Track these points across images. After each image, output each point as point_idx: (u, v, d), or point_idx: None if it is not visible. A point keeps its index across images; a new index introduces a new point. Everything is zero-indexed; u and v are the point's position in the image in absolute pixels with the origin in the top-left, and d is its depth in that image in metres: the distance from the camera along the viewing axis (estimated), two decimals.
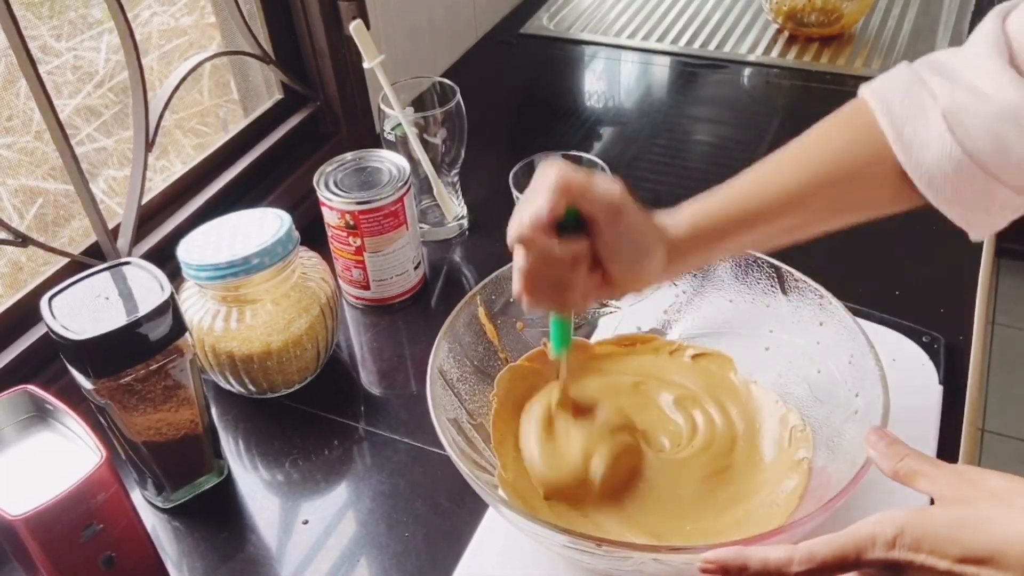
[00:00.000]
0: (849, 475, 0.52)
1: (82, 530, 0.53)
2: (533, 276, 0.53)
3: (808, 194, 0.56)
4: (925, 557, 0.40)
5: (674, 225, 0.56)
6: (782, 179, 0.57)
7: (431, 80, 0.90)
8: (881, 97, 0.56)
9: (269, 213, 0.72)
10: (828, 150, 0.58)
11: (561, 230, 0.52)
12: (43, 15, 0.94)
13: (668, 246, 0.55)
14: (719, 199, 0.57)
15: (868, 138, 0.56)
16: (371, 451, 0.71)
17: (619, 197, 0.53)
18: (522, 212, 0.52)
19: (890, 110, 0.55)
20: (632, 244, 0.53)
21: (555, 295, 0.55)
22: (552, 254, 0.52)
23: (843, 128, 0.58)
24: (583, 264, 0.53)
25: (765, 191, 0.57)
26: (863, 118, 0.57)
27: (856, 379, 0.61)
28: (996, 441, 1.79)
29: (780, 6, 1.21)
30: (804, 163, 0.57)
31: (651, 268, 0.55)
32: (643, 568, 0.52)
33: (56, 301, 0.58)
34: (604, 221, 0.52)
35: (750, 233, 0.58)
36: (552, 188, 0.51)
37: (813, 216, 0.58)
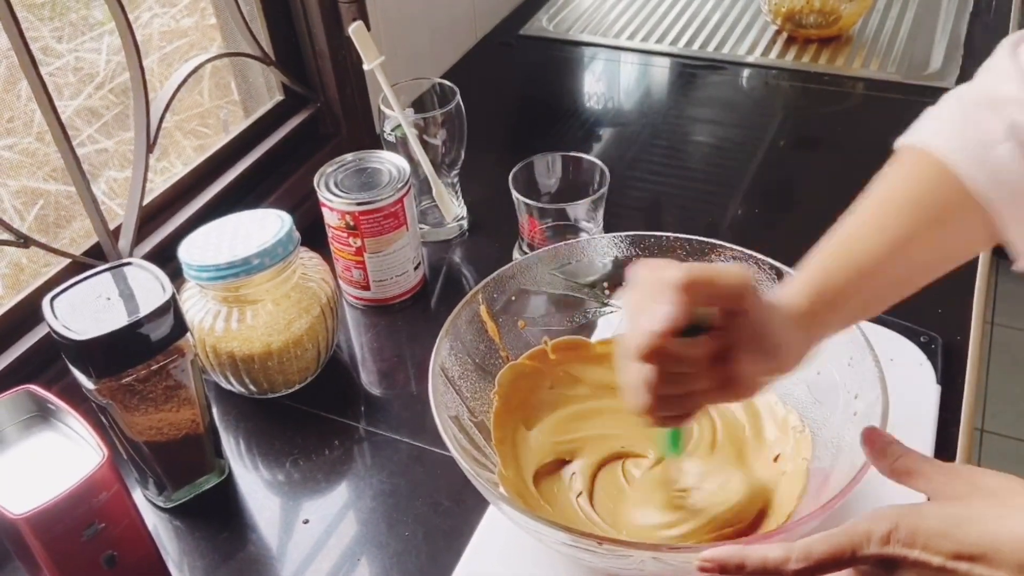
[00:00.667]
0: (848, 476, 0.53)
1: (84, 529, 0.53)
2: (660, 389, 0.48)
3: (907, 243, 0.53)
4: (919, 553, 0.41)
5: (797, 300, 0.51)
6: (877, 234, 0.53)
7: (431, 81, 0.91)
8: (942, 145, 0.54)
9: (270, 214, 0.72)
10: (909, 200, 0.54)
11: (687, 334, 0.47)
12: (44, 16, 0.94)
13: (798, 326, 0.51)
14: (826, 264, 0.53)
15: (942, 180, 0.53)
16: (371, 451, 0.71)
17: (747, 285, 0.48)
18: (643, 319, 0.47)
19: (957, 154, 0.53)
20: (771, 332, 0.49)
21: (681, 407, 0.51)
22: (681, 362, 0.47)
23: (913, 177, 0.55)
24: (708, 368, 0.49)
25: (867, 243, 0.53)
26: (925, 164, 0.54)
27: (855, 381, 0.61)
28: (993, 441, 1.79)
29: (779, 7, 1.21)
30: (893, 215, 0.54)
31: (788, 354, 0.51)
32: (643, 567, 0.52)
33: (58, 301, 0.59)
34: (734, 316, 0.48)
35: (867, 290, 0.53)
36: (676, 288, 0.46)
37: (916, 265, 0.55)
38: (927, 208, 0.54)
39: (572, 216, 0.81)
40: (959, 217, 0.54)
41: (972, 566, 0.40)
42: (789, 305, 0.51)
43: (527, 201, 0.81)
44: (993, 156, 0.52)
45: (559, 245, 0.72)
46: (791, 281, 0.53)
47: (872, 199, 0.55)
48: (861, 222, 0.55)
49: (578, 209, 0.81)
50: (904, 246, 0.53)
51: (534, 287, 0.72)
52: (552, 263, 0.72)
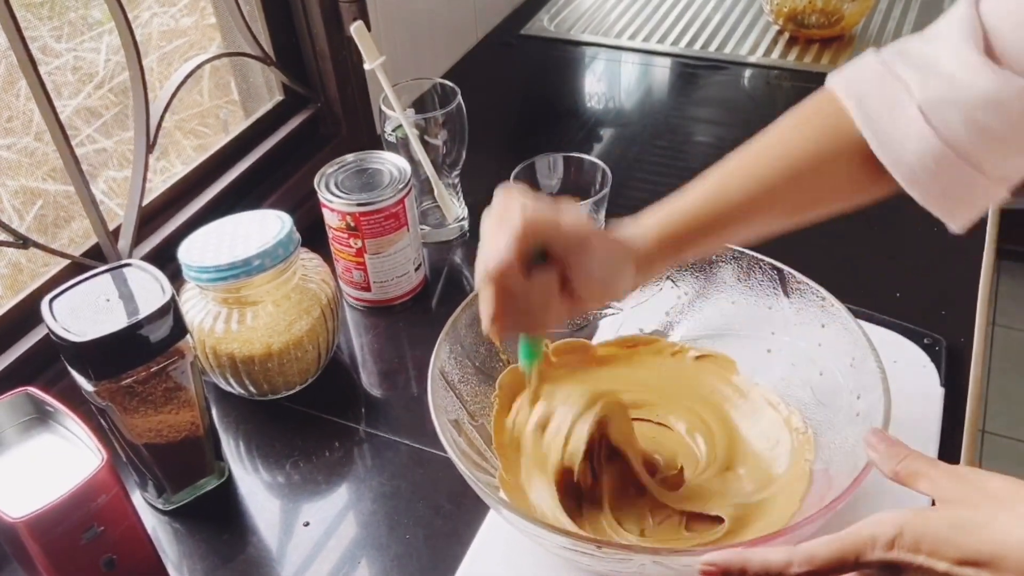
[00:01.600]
0: (850, 478, 0.52)
1: (83, 532, 0.53)
2: (502, 312, 0.52)
3: (775, 192, 0.56)
4: (924, 559, 0.40)
5: (640, 237, 0.56)
6: (748, 180, 0.56)
7: (432, 81, 0.90)
8: (853, 91, 0.55)
9: (270, 215, 0.72)
10: (794, 147, 0.57)
11: (530, 263, 0.51)
12: (43, 16, 0.94)
13: (636, 260, 0.55)
14: (684, 206, 0.57)
15: (837, 132, 0.56)
16: (372, 453, 0.70)
17: (586, 228, 0.52)
18: (487, 252, 0.51)
19: (863, 104, 0.55)
20: (601, 268, 0.53)
21: (526, 323, 0.54)
22: (522, 291, 0.51)
23: (808, 124, 0.58)
24: (553, 290, 0.53)
25: (730, 194, 0.56)
26: (830, 109, 0.56)
27: (858, 381, 0.60)
28: (997, 443, 1.79)
29: (780, 7, 1.21)
30: (769, 162, 0.57)
31: (621, 285, 0.55)
32: (643, 570, 0.52)
33: (57, 303, 0.58)
34: (573, 253, 0.52)
35: (717, 237, 0.58)
36: (518, 229, 0.50)
37: (780, 215, 0.58)
38: (806, 159, 0.56)
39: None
40: (840, 164, 0.56)
41: (978, 572, 0.39)
42: (632, 243, 0.55)
43: None
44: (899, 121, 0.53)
45: None
46: (649, 214, 0.57)
47: (759, 142, 0.58)
48: (735, 166, 0.58)
49: (580, 210, 0.81)
50: (772, 196, 0.56)
51: None
52: None
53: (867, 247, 0.86)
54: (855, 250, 0.86)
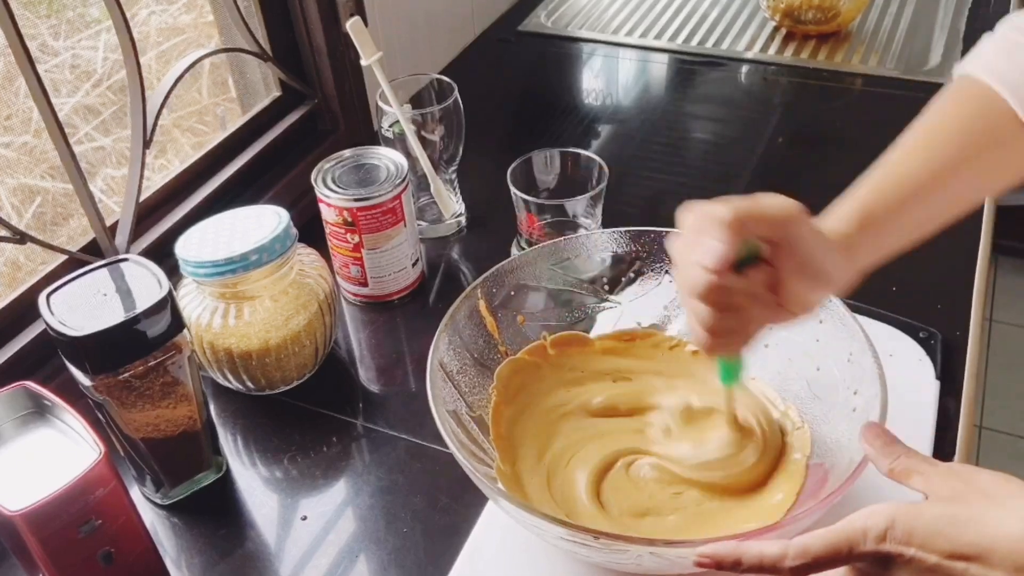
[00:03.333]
0: (846, 472, 0.53)
1: (81, 526, 0.53)
2: (720, 322, 0.50)
3: (955, 167, 0.55)
4: (915, 551, 0.41)
5: (842, 227, 0.53)
6: (924, 158, 0.55)
7: (429, 77, 0.90)
8: (993, 73, 0.56)
9: (267, 210, 0.72)
10: (957, 127, 0.56)
11: (738, 266, 0.49)
12: (41, 14, 0.94)
13: (842, 247, 0.52)
14: (870, 189, 0.55)
15: (994, 111, 0.56)
16: (369, 447, 0.71)
17: (794, 210, 0.49)
18: (694, 256, 0.48)
19: (1008, 82, 0.55)
20: (818, 259, 0.50)
21: (739, 336, 0.52)
22: (738, 294, 0.49)
23: (963, 104, 0.57)
24: (764, 298, 0.50)
25: (912, 169, 0.55)
26: (976, 91, 0.57)
27: (855, 377, 0.61)
28: (993, 438, 1.79)
29: (777, 3, 1.21)
30: (940, 140, 0.56)
31: (835, 274, 0.52)
32: (640, 561, 0.52)
33: (54, 298, 0.58)
34: (787, 238, 0.49)
35: (911, 218, 0.55)
36: (729, 220, 0.47)
37: (962, 191, 0.57)
38: (973, 133, 0.56)
39: (571, 212, 0.81)
40: (1006, 142, 0.56)
41: (968, 565, 0.40)
42: (835, 231, 0.52)
43: (525, 197, 0.81)
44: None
45: (559, 240, 0.72)
46: (839, 206, 0.54)
47: (920, 126, 0.57)
48: (908, 149, 0.57)
49: (577, 205, 0.81)
50: (950, 172, 0.55)
51: (533, 282, 0.71)
52: (552, 258, 0.71)
53: None
54: None
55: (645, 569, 0.55)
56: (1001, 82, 0.56)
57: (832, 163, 0.98)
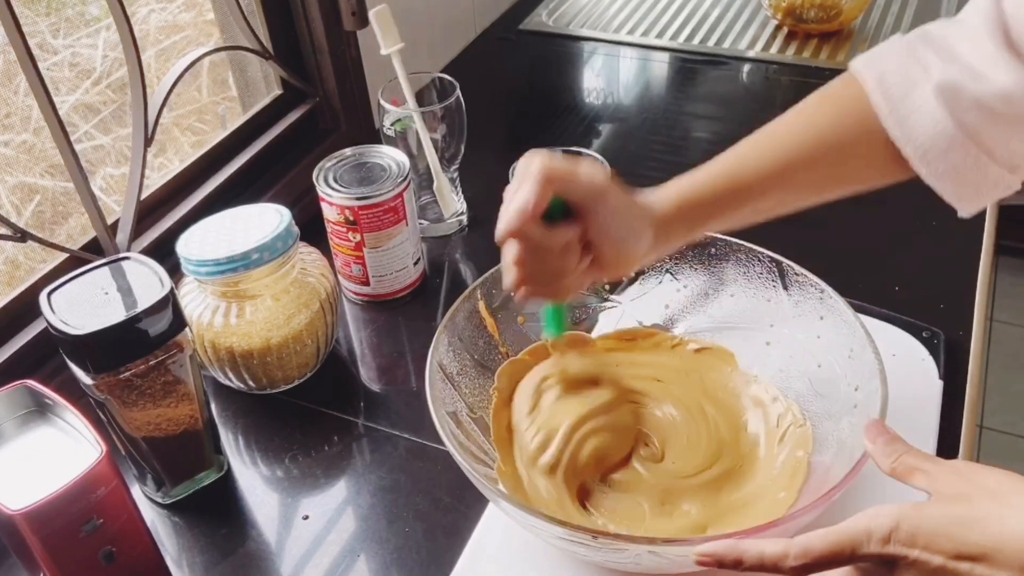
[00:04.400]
0: (847, 469, 0.52)
1: (82, 525, 0.53)
2: (526, 268, 0.54)
3: (794, 170, 0.57)
4: (919, 552, 0.40)
5: (660, 203, 0.57)
6: (768, 156, 0.57)
7: (431, 76, 0.90)
8: (874, 72, 0.56)
9: (269, 208, 0.72)
10: (814, 126, 0.58)
11: (548, 219, 0.53)
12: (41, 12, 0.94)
13: (655, 224, 0.56)
14: (705, 177, 0.58)
15: (856, 113, 0.56)
16: (371, 447, 0.70)
17: (603, 181, 0.54)
18: (508, 205, 0.53)
19: (883, 84, 0.55)
20: (620, 226, 0.55)
21: (549, 285, 0.56)
22: (543, 244, 0.53)
23: (830, 103, 0.59)
24: (574, 251, 0.54)
25: (750, 168, 0.57)
26: (851, 91, 0.57)
27: (856, 373, 0.61)
28: (995, 438, 1.79)
29: (779, 2, 1.21)
30: (790, 139, 0.58)
31: (640, 247, 0.56)
32: (639, 561, 0.52)
33: (55, 296, 0.58)
34: (591, 206, 0.53)
35: (736, 209, 0.58)
36: (537, 179, 0.51)
37: (799, 192, 0.58)
38: (826, 137, 0.57)
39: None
40: (859, 147, 0.57)
41: (973, 566, 0.40)
42: (655, 207, 0.57)
43: None
44: (915, 99, 0.54)
45: None
46: (672, 183, 0.58)
47: (783, 119, 0.59)
48: (757, 141, 0.59)
49: None
50: (791, 173, 0.57)
51: None
52: None
53: (866, 241, 0.86)
54: (854, 243, 0.86)
55: (645, 568, 0.54)
56: (877, 83, 0.56)
57: None
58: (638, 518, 0.60)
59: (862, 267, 0.83)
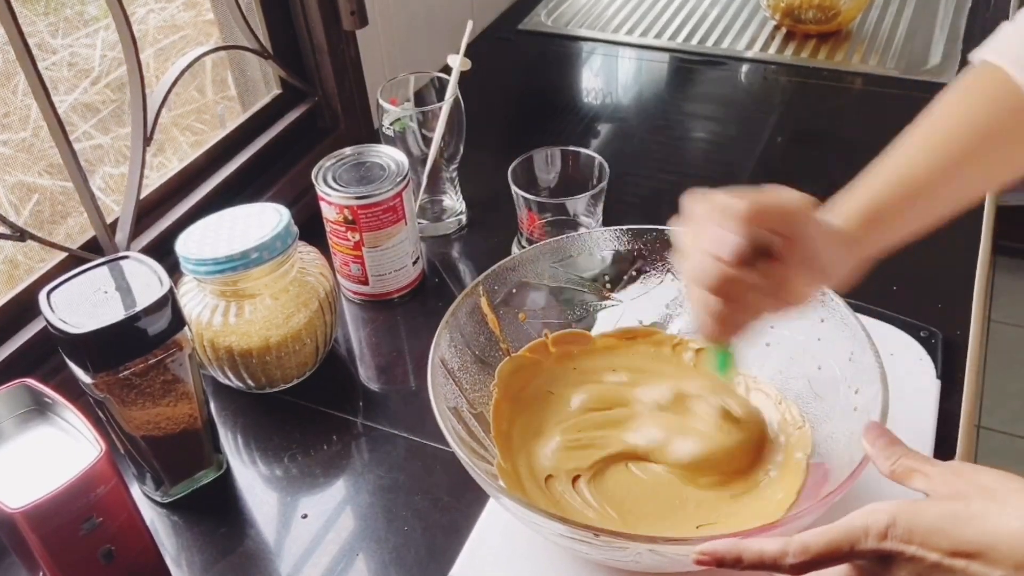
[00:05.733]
0: (846, 471, 0.52)
1: (81, 523, 0.53)
2: (727, 312, 0.51)
3: (960, 165, 0.55)
4: (916, 549, 0.41)
5: (846, 221, 0.54)
6: (934, 156, 0.55)
7: (430, 75, 0.90)
8: (1007, 56, 0.55)
9: (268, 208, 0.72)
10: (968, 119, 0.56)
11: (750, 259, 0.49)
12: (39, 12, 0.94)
13: (851, 247, 0.53)
14: (876, 184, 0.55)
15: (1005, 98, 0.55)
16: (370, 446, 0.71)
17: (806, 206, 0.51)
18: (706, 246, 0.49)
19: (1020, 62, 0.54)
20: (826, 248, 0.51)
21: (740, 324, 0.53)
22: (747, 285, 0.50)
23: (975, 95, 0.57)
24: (766, 288, 0.51)
25: (920, 170, 0.55)
26: (992, 80, 0.56)
27: (856, 376, 0.61)
28: (993, 438, 1.79)
29: (778, 3, 1.21)
30: (949, 136, 0.56)
31: (838, 276, 0.53)
32: (639, 559, 0.52)
33: (55, 295, 0.58)
34: (794, 227, 0.50)
35: (913, 215, 0.56)
36: (745, 212, 0.48)
37: (969, 187, 0.57)
38: (983, 125, 0.55)
39: (571, 210, 0.81)
40: (1015, 133, 0.55)
41: (969, 563, 0.40)
42: (840, 226, 0.53)
43: (526, 196, 0.81)
44: None
45: (560, 238, 0.72)
46: (844, 200, 0.55)
47: (930, 116, 0.57)
48: (915, 142, 0.56)
49: (577, 203, 0.81)
50: (956, 166, 0.55)
51: (535, 280, 0.71)
52: (553, 256, 0.71)
53: None
54: None
55: (645, 567, 0.55)
56: (1015, 65, 0.55)
57: (832, 163, 0.98)
58: (639, 518, 0.60)
59: None
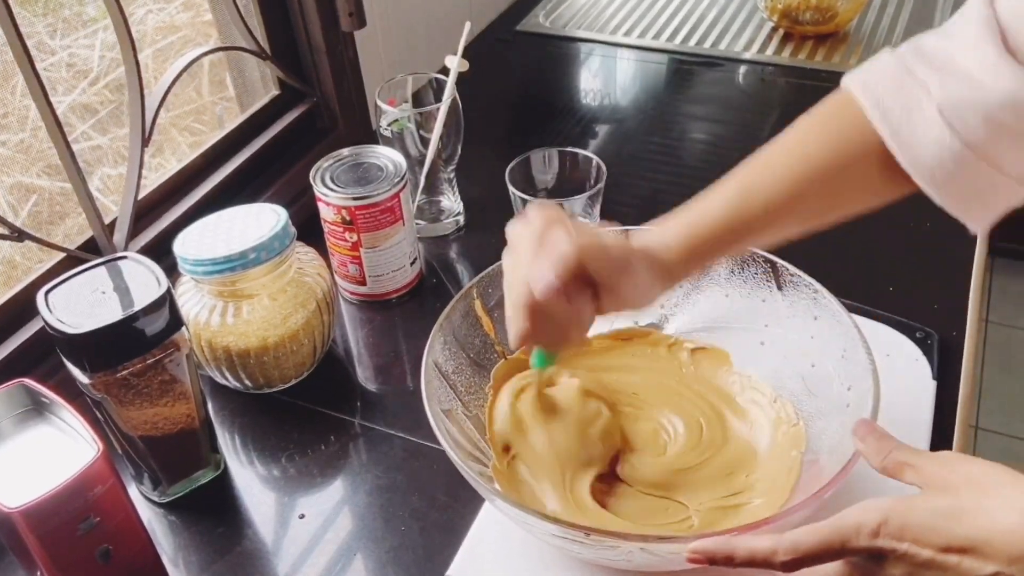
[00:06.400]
0: (838, 467, 0.53)
1: (79, 523, 0.53)
2: (535, 332, 0.53)
3: (798, 198, 0.56)
4: (908, 546, 0.41)
5: (666, 249, 0.56)
6: (770, 186, 0.56)
7: (427, 76, 0.91)
8: (871, 93, 0.54)
9: (266, 208, 0.72)
10: (813, 149, 0.56)
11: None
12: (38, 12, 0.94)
13: (667, 274, 0.56)
14: (707, 216, 0.56)
15: (855, 133, 0.55)
16: (367, 446, 0.71)
17: (628, 252, 0.54)
18: (526, 273, 0.52)
19: (881, 106, 0.54)
20: (639, 290, 0.55)
21: (556, 341, 0.56)
22: (560, 314, 0.52)
23: (827, 124, 0.57)
24: (588, 313, 0.54)
25: (756, 202, 0.56)
26: (848, 111, 0.56)
27: (848, 373, 0.61)
28: (990, 439, 1.79)
29: (775, 4, 1.21)
30: (790, 165, 0.56)
31: (651, 299, 0.56)
32: (631, 558, 0.52)
33: (53, 295, 0.58)
34: (616, 278, 0.53)
35: (741, 244, 0.59)
36: (569, 258, 0.51)
37: (803, 218, 0.57)
38: (830, 158, 0.56)
39: (569, 211, 0.81)
40: (861, 167, 0.56)
41: (962, 559, 0.40)
42: (659, 257, 0.55)
43: (524, 196, 0.81)
44: (917, 122, 0.53)
45: None
46: (673, 225, 0.57)
47: (783, 142, 0.58)
48: (761, 168, 0.57)
49: (575, 204, 0.81)
50: (795, 201, 0.56)
51: None
52: None
53: (860, 241, 0.86)
54: (848, 244, 0.86)
55: (637, 566, 0.55)
56: (876, 107, 0.54)
57: None
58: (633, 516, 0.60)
59: (856, 267, 0.83)
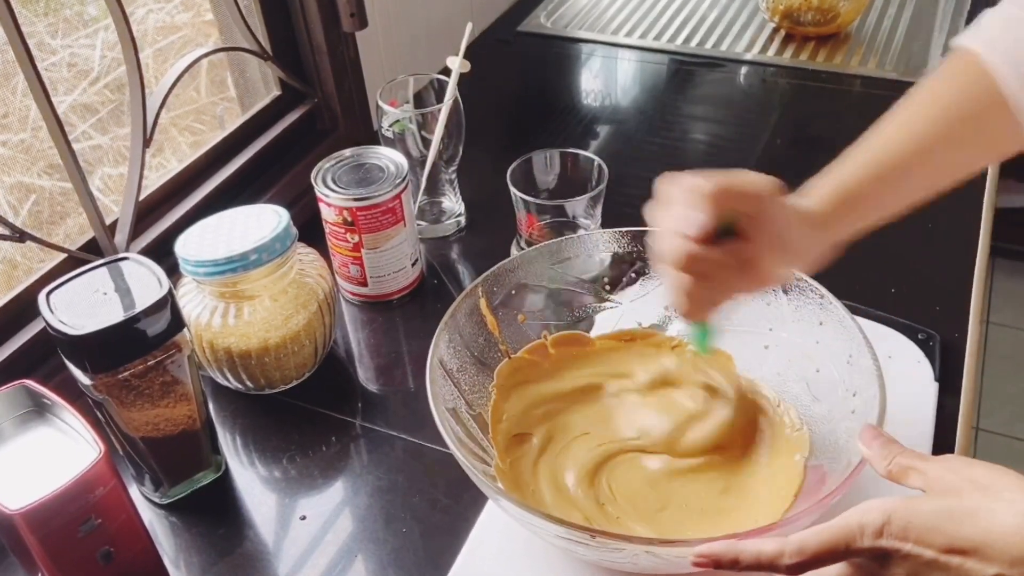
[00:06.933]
0: (844, 474, 0.53)
1: (80, 525, 0.53)
2: (697, 290, 0.52)
3: (932, 150, 0.56)
4: (911, 546, 0.41)
5: (817, 203, 0.55)
6: (907, 138, 0.56)
7: (429, 77, 0.90)
8: (984, 40, 0.56)
9: (267, 209, 0.72)
10: (943, 103, 0.57)
11: (715, 237, 0.51)
12: (39, 12, 0.94)
13: (814, 223, 0.55)
14: (849, 168, 0.56)
15: (980, 85, 0.56)
16: (368, 447, 0.71)
17: (772, 188, 0.52)
18: (674, 225, 0.51)
19: (996, 50, 0.55)
20: (791, 239, 0.53)
21: (713, 302, 0.55)
22: (713, 263, 0.51)
23: (946, 80, 0.58)
24: (737, 268, 0.53)
25: (893, 152, 0.56)
26: (964, 65, 0.57)
27: (854, 379, 0.61)
28: (992, 440, 1.79)
29: (776, 5, 1.21)
30: (924, 119, 0.57)
31: (808, 257, 0.55)
32: (636, 560, 0.52)
33: (54, 296, 0.58)
34: (765, 214, 0.52)
35: (886, 197, 0.57)
36: (711, 192, 0.50)
37: (942, 171, 0.58)
38: (955, 108, 0.56)
39: (570, 212, 0.81)
40: (990, 119, 0.56)
41: (964, 560, 0.40)
42: (810, 208, 0.54)
43: (525, 197, 0.81)
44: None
45: (559, 240, 0.72)
46: (819, 183, 0.56)
47: (907, 102, 0.58)
48: (891, 126, 0.57)
49: (576, 205, 0.81)
50: (928, 150, 0.56)
51: (534, 282, 0.71)
52: (552, 258, 0.72)
53: (862, 243, 0.86)
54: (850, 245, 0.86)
55: (642, 568, 0.55)
56: (993, 52, 0.55)
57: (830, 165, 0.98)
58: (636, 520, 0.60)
59: (858, 269, 0.83)
